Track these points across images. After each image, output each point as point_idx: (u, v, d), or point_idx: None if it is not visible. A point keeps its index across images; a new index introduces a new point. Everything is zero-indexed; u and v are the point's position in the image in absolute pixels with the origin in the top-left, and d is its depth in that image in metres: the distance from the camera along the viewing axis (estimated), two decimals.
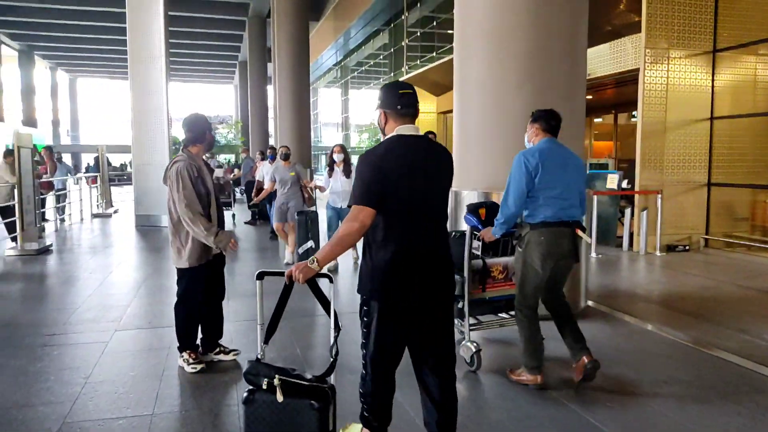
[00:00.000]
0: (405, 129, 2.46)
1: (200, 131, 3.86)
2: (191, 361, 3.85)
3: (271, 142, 26.90)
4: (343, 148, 7.45)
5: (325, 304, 2.58)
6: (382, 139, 2.52)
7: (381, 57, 25.13)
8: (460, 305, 3.94)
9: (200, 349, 4.02)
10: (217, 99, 56.14)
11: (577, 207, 3.51)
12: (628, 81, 9.85)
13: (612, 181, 9.12)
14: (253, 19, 25.80)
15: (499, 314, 4.22)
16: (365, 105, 29.81)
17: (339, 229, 2.35)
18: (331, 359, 2.49)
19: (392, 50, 22.68)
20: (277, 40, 17.91)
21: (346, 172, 7.28)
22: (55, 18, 25.48)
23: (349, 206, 2.38)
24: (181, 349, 3.93)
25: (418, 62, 19.41)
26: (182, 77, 43.98)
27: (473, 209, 3.84)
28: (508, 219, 3.49)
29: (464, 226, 3.93)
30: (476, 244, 3.92)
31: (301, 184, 7.86)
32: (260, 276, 2.68)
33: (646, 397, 3.46)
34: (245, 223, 12.62)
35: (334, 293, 2.67)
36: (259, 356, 2.53)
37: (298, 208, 7.65)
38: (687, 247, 8.71)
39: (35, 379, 3.69)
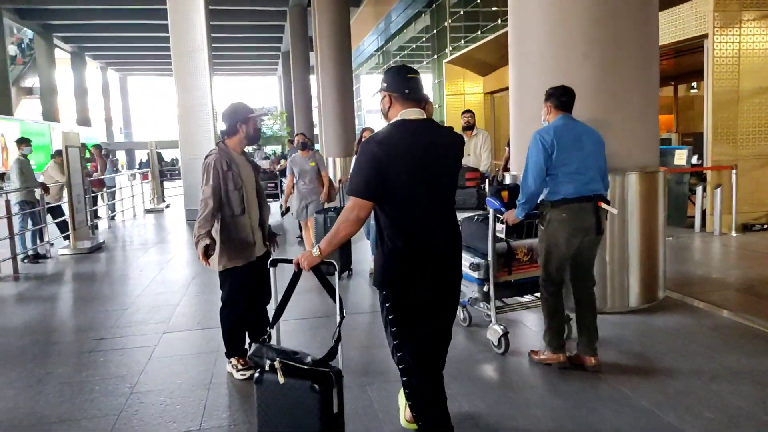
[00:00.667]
0: (409, 113, 2.36)
1: (233, 123, 3.52)
2: (240, 367, 3.63)
3: (316, 131, 26.86)
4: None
5: (331, 291, 2.54)
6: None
7: (423, 40, 24.58)
8: (485, 288, 3.96)
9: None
10: (261, 90, 56.61)
11: (598, 181, 3.48)
12: (689, 50, 9.10)
13: (681, 156, 8.47)
14: (294, 8, 25.66)
15: (525, 296, 4.26)
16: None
17: (339, 218, 2.33)
18: (333, 343, 2.43)
19: (435, 32, 22.13)
20: (318, 28, 17.69)
21: None
22: (103, 19, 26.06)
23: (347, 194, 2.33)
24: (228, 355, 3.71)
25: (462, 42, 18.82)
26: (226, 71, 44.49)
27: (496, 192, 3.86)
28: (529, 198, 3.48)
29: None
30: (500, 227, 3.87)
31: (321, 176, 6.94)
32: (273, 263, 2.73)
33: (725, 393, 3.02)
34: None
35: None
36: (264, 338, 2.53)
37: (318, 205, 6.85)
38: (765, 226, 8.00)
39: (80, 389, 3.55)
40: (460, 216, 3.74)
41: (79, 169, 9.07)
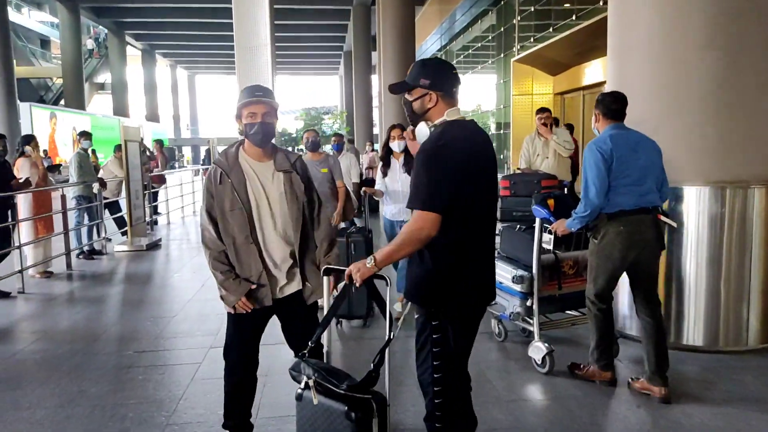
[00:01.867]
0: (454, 112, 2.19)
1: (236, 116, 2.57)
2: None
3: (376, 131, 26.53)
4: (404, 131, 4.62)
5: (382, 307, 2.30)
6: (430, 125, 2.20)
7: (488, 39, 23.80)
8: (529, 303, 3.77)
9: None
10: (322, 90, 57.01)
11: (655, 192, 3.32)
12: None
13: None
14: (358, 7, 25.42)
15: (569, 311, 4.08)
16: (470, 90, 28.57)
17: (403, 232, 2.08)
18: (372, 368, 2.13)
19: (502, 30, 21.32)
20: (382, 27, 17.33)
21: (409, 170, 4.57)
22: (173, 17, 26.62)
23: (409, 207, 2.10)
24: (224, 426, 2.77)
25: (532, 41, 17.96)
26: (289, 70, 44.89)
27: (541, 200, 3.64)
28: (592, 212, 3.28)
29: None
30: (547, 237, 3.63)
31: (336, 185, 5.31)
32: (327, 272, 2.48)
33: None
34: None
35: None
36: (305, 353, 2.30)
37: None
38: None
39: (111, 415, 3.17)
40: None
41: (138, 164, 8.95)
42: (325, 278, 2.47)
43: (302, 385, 2.18)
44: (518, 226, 4.05)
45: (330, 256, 2.64)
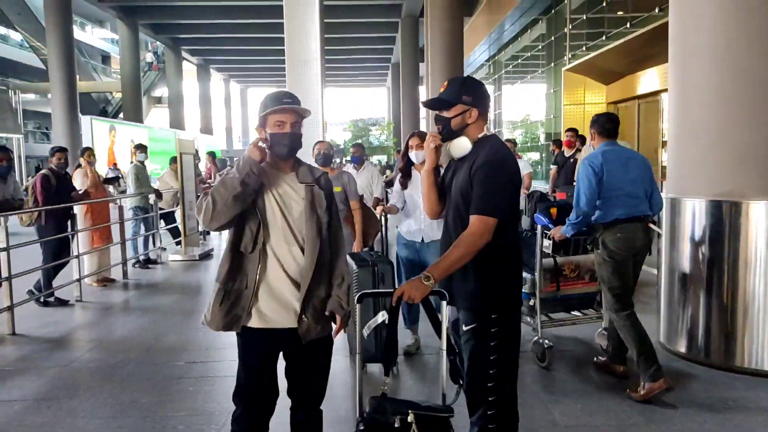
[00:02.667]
0: (487, 128, 2.36)
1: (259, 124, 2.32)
2: None
3: None
4: (425, 139, 3.92)
5: (437, 324, 2.24)
6: (471, 140, 2.29)
7: (538, 48, 23.46)
8: (531, 302, 4.01)
9: None
10: (370, 102, 57.46)
11: (645, 202, 3.60)
12: None
13: None
14: (406, 19, 25.54)
15: (572, 312, 4.29)
16: (519, 100, 28.23)
17: (463, 241, 2.14)
18: (459, 387, 2.19)
19: (552, 39, 20.98)
20: (430, 38, 17.32)
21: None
22: (227, 33, 27.40)
23: (471, 214, 2.17)
24: None
25: (584, 49, 17.58)
26: (337, 82, 45.46)
27: (545, 209, 3.98)
28: (582, 219, 3.58)
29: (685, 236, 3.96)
30: (546, 243, 3.96)
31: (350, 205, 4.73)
32: (361, 299, 2.27)
33: None
34: None
35: None
36: (384, 391, 2.17)
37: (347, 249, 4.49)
38: None
39: (162, 427, 3.21)
40: None
41: (192, 176, 9.17)
42: (358, 306, 2.26)
43: (397, 424, 2.02)
44: (524, 232, 4.29)
45: (342, 290, 2.33)
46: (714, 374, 3.80)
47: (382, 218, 4.46)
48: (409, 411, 2.02)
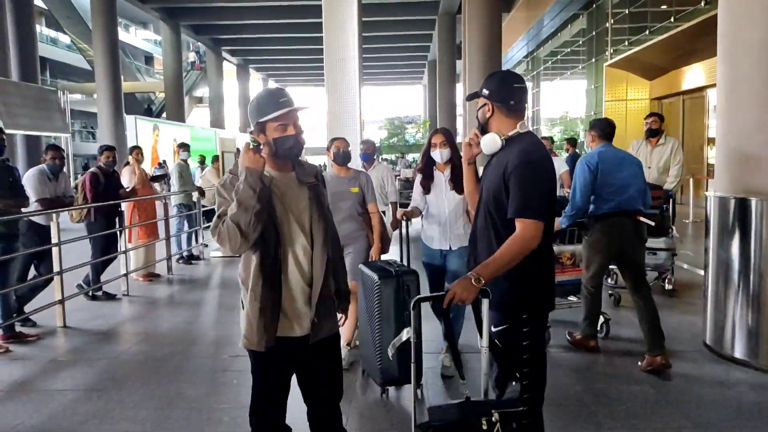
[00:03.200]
0: (524, 125, 2.28)
1: (255, 128, 2.20)
2: None
3: (459, 139, 26.32)
4: (449, 137, 3.78)
5: (480, 324, 2.19)
6: (502, 137, 2.26)
7: (579, 43, 23.01)
8: None
9: None
10: (406, 99, 57.39)
11: (636, 199, 4.03)
12: None
13: None
14: (443, 17, 25.39)
15: (568, 297, 4.62)
16: (558, 97, 27.75)
17: (514, 243, 2.11)
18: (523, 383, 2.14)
19: (593, 34, 20.55)
20: (468, 35, 17.13)
21: (457, 186, 3.72)
22: (266, 33, 27.78)
23: (515, 217, 2.14)
24: None
25: (626, 44, 17.17)
26: (374, 80, 45.55)
27: None
28: (576, 212, 4.05)
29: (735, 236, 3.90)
30: None
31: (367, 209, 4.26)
32: (417, 304, 2.17)
33: None
34: None
35: None
36: (467, 395, 2.15)
37: (362, 257, 4.13)
38: None
39: (208, 418, 3.30)
40: None
41: None
42: (413, 312, 2.18)
43: (485, 426, 2.00)
44: None
45: (347, 284, 2.41)
46: (760, 377, 3.68)
47: (404, 223, 3.86)
48: (493, 411, 2.02)
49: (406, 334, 2.17)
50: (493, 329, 2.24)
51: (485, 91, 2.29)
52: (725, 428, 3.08)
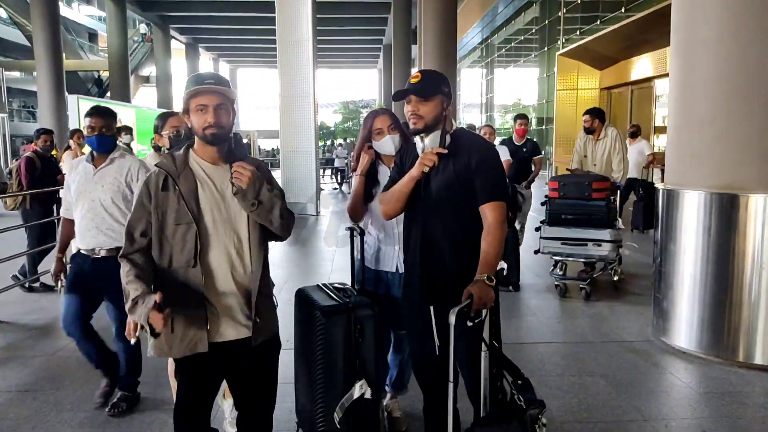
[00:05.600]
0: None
1: (183, 108, 2.08)
2: None
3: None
4: (396, 120, 2.82)
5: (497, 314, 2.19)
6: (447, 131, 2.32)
7: (532, 32, 23.27)
8: None
9: None
10: (361, 83, 57.05)
11: None
12: None
13: None
14: (399, 0, 25.18)
15: None
16: (511, 84, 28.09)
17: (495, 228, 2.16)
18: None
19: (546, 22, 20.81)
20: (423, 19, 17.03)
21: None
22: (217, 11, 26.94)
23: (491, 201, 2.21)
24: None
25: (578, 33, 17.45)
26: (328, 64, 45.00)
27: None
28: None
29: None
30: None
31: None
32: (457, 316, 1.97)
33: None
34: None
35: None
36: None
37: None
38: None
39: (150, 421, 3.14)
40: None
41: None
42: (452, 316, 1.96)
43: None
44: None
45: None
46: (708, 367, 3.79)
47: (355, 234, 2.86)
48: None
49: (359, 389, 1.90)
50: (470, 324, 2.03)
51: (445, 89, 2.29)
52: (675, 419, 3.14)
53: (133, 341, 1.99)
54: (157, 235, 2.01)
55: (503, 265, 2.30)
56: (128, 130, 8.26)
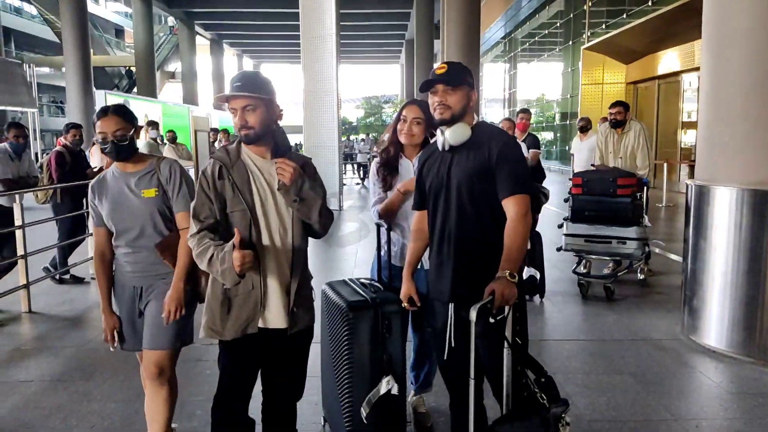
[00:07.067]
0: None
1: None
2: None
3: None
4: (427, 111, 2.55)
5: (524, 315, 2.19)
6: (474, 122, 2.30)
7: (556, 25, 22.97)
8: None
9: None
10: (383, 79, 56.96)
11: None
12: None
13: None
14: None
15: None
16: (534, 79, 27.76)
17: (517, 223, 2.10)
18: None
19: (571, 16, 20.52)
20: (446, 14, 16.92)
21: None
22: (241, 7, 27.12)
23: (515, 194, 2.15)
24: None
25: (604, 27, 17.19)
26: (351, 59, 45.02)
27: None
28: None
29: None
30: None
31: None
32: (476, 316, 1.90)
33: None
34: None
35: None
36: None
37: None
38: None
39: (180, 412, 3.17)
40: None
41: (207, 154, 9.11)
42: (473, 313, 1.91)
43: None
44: None
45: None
46: (739, 367, 3.71)
47: (381, 227, 2.83)
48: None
49: (385, 384, 1.90)
50: (493, 321, 1.99)
51: (469, 80, 2.26)
52: (706, 419, 3.09)
53: (112, 349, 2.23)
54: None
55: (535, 273, 2.24)
56: (155, 125, 8.40)
